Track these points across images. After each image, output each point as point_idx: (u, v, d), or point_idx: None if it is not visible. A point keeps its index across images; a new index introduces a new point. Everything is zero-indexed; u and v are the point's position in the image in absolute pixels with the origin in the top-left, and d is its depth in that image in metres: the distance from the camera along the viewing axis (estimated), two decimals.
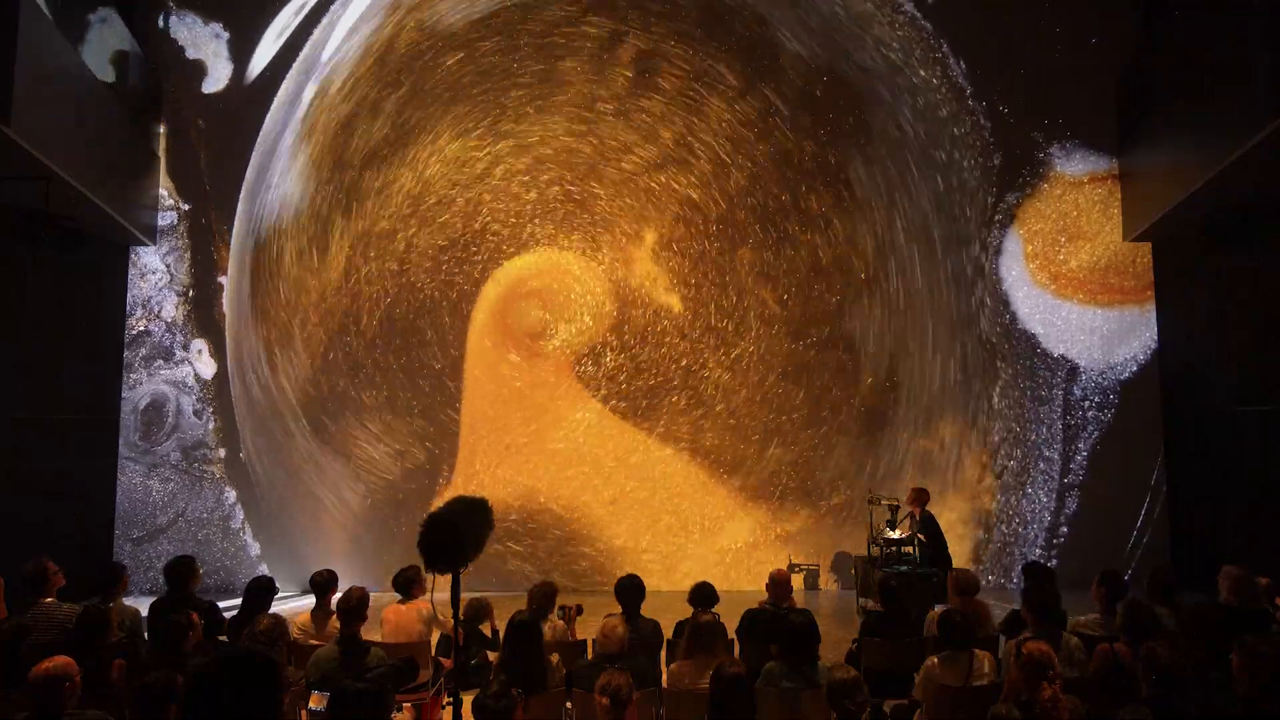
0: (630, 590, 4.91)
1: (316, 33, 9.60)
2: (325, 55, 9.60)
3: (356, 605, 4.28)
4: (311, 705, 3.70)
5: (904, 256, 9.48)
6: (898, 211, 9.49)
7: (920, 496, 7.53)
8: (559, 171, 9.49)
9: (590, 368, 9.43)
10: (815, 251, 9.45)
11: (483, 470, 9.34)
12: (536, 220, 9.49)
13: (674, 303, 9.45)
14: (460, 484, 9.28)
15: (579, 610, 5.16)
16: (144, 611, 4.95)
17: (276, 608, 5.00)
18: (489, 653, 4.81)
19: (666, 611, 5.23)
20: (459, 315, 9.46)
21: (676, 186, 9.48)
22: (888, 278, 9.46)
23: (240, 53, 9.62)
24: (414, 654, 4.71)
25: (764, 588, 5.31)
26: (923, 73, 9.53)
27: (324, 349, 9.41)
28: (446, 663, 4.84)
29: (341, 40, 9.59)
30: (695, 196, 9.48)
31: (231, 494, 9.29)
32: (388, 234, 9.48)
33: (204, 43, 9.58)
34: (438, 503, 3.60)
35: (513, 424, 9.39)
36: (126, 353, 9.30)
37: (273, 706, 2.30)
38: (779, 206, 9.47)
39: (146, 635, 4.78)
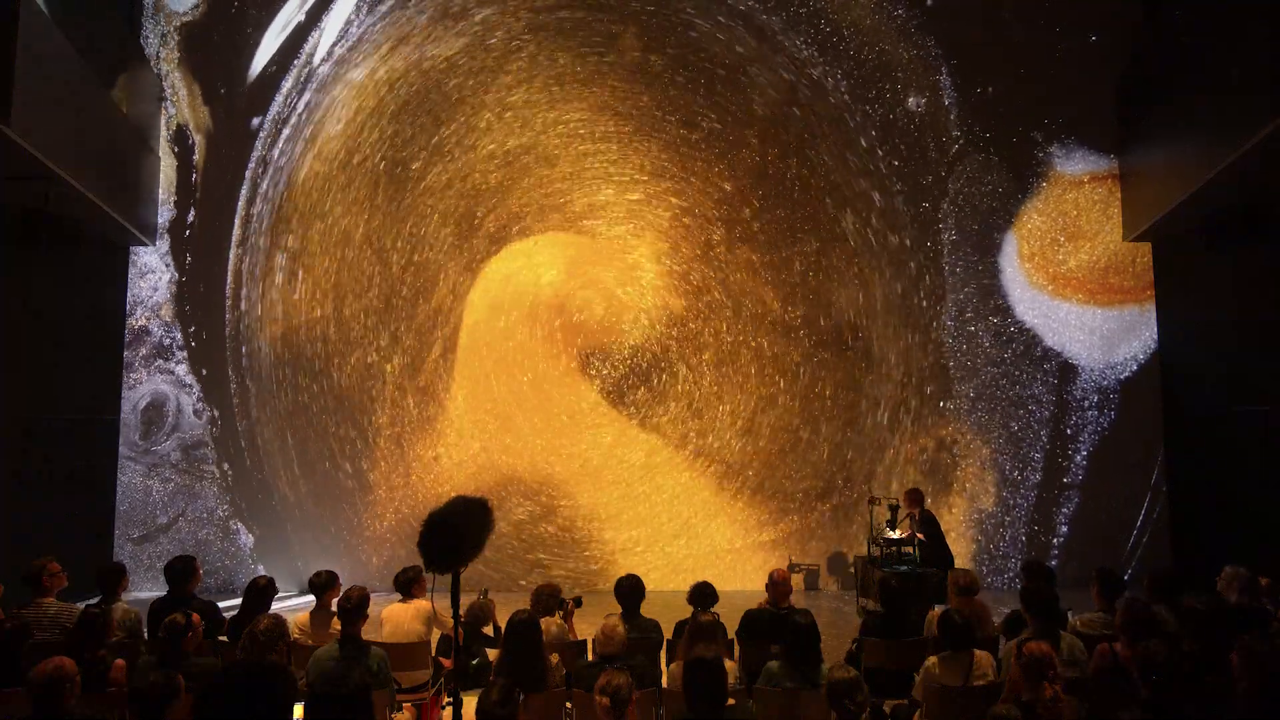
0: (630, 590, 4.91)
1: (325, 20, 9.59)
2: (334, 39, 9.60)
3: (358, 605, 4.28)
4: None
5: (904, 256, 9.47)
6: (897, 211, 9.49)
7: (915, 497, 7.53)
8: (559, 164, 9.49)
9: (590, 365, 9.42)
10: (816, 252, 9.45)
11: (479, 464, 9.33)
12: (538, 213, 9.48)
13: (674, 302, 9.44)
14: (450, 477, 9.27)
15: (578, 602, 5.16)
16: (144, 611, 4.95)
17: (276, 608, 4.99)
18: (489, 650, 4.81)
19: (666, 611, 5.23)
20: (455, 305, 9.44)
21: (678, 185, 9.47)
22: (887, 278, 9.46)
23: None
24: (414, 654, 4.71)
25: (763, 588, 5.31)
26: (921, 72, 9.53)
27: (322, 337, 9.40)
28: (446, 663, 4.84)
29: (354, 25, 9.59)
30: (696, 196, 9.47)
31: (230, 493, 9.27)
32: (388, 222, 9.48)
33: None
34: (436, 501, 3.59)
35: (513, 421, 9.39)
36: (126, 352, 9.30)
37: (286, 716, 2.31)
38: (779, 206, 9.47)
39: (146, 635, 4.79)
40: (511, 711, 3.01)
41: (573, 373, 9.44)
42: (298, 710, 3.65)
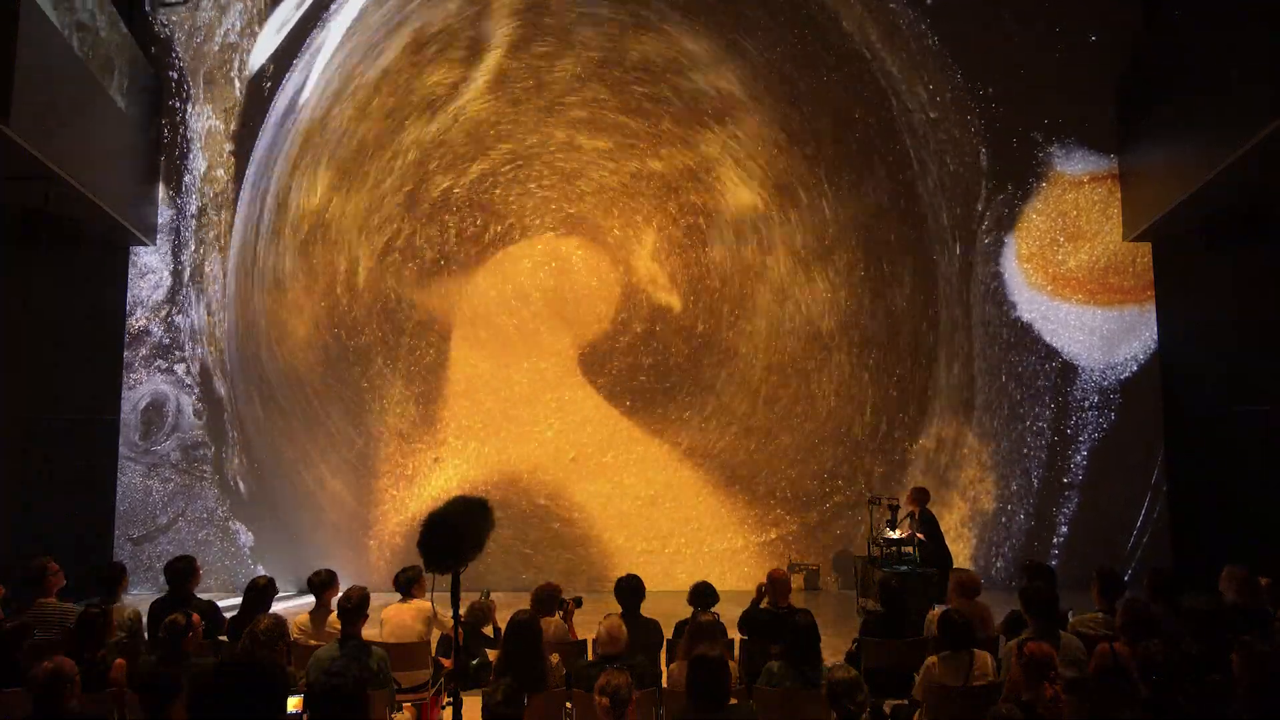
0: (630, 590, 4.91)
1: (326, 18, 9.59)
2: (330, 37, 9.61)
3: (358, 604, 4.28)
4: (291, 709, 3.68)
5: (903, 256, 9.47)
6: (896, 212, 9.48)
7: (920, 495, 7.53)
8: (559, 164, 9.49)
9: (590, 365, 9.42)
10: (815, 252, 9.45)
11: (478, 465, 9.33)
12: (539, 211, 9.48)
13: (673, 301, 9.44)
14: (449, 477, 9.26)
15: (578, 603, 5.16)
16: (144, 611, 4.96)
17: (276, 608, 4.99)
18: (489, 650, 4.81)
19: (666, 611, 5.23)
20: (456, 306, 9.44)
21: (677, 184, 9.47)
22: (887, 278, 9.46)
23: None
24: (414, 654, 4.71)
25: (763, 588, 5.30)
26: (921, 72, 9.53)
27: (322, 336, 9.40)
28: (446, 663, 4.84)
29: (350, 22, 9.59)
30: (696, 196, 9.47)
31: (229, 493, 9.27)
32: (386, 222, 9.47)
33: None
34: (435, 499, 3.60)
35: (513, 421, 9.38)
36: (126, 352, 9.29)
37: (279, 711, 2.31)
38: (779, 207, 9.46)
39: (146, 635, 4.79)
40: (517, 711, 3.02)
41: (572, 373, 9.43)
42: (296, 703, 3.64)
